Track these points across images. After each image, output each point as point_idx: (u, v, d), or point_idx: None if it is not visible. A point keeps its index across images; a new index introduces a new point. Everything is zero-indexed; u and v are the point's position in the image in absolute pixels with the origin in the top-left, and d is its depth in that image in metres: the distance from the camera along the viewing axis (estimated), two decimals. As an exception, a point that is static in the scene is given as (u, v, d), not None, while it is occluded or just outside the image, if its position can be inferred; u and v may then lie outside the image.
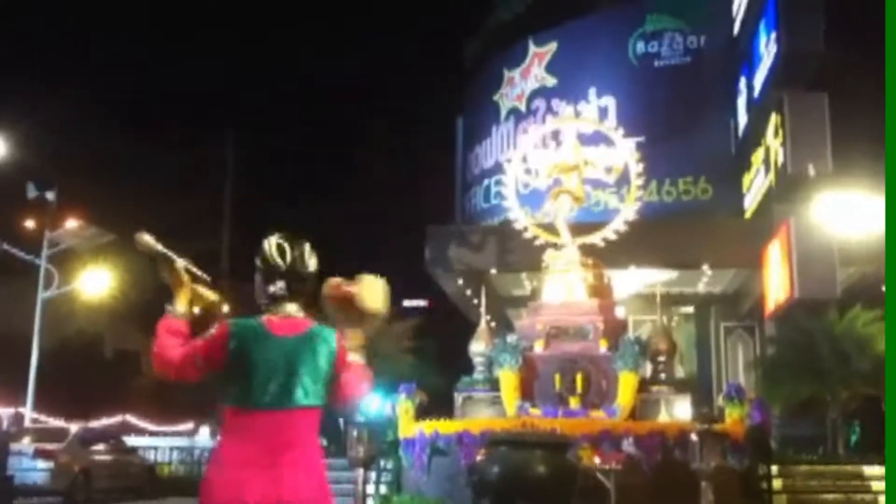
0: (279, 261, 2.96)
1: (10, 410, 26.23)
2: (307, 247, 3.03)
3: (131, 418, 27.81)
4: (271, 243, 3.00)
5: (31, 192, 25.16)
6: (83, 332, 25.89)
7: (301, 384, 2.84)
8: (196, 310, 3.06)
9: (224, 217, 52.75)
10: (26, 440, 15.97)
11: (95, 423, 20.52)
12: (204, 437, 26.20)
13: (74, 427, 17.54)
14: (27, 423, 21.63)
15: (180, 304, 2.98)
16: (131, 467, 17.86)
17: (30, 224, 27.98)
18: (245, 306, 3.26)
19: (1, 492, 13.23)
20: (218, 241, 46.47)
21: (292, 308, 2.96)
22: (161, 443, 23.20)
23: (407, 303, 43.87)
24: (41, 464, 15.22)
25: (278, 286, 2.95)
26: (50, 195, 25.16)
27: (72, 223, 25.15)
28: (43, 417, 24.61)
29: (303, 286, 2.99)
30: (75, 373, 26.42)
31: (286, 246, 2.99)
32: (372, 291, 3.05)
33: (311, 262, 3.02)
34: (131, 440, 20.99)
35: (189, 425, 29.10)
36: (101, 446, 16.86)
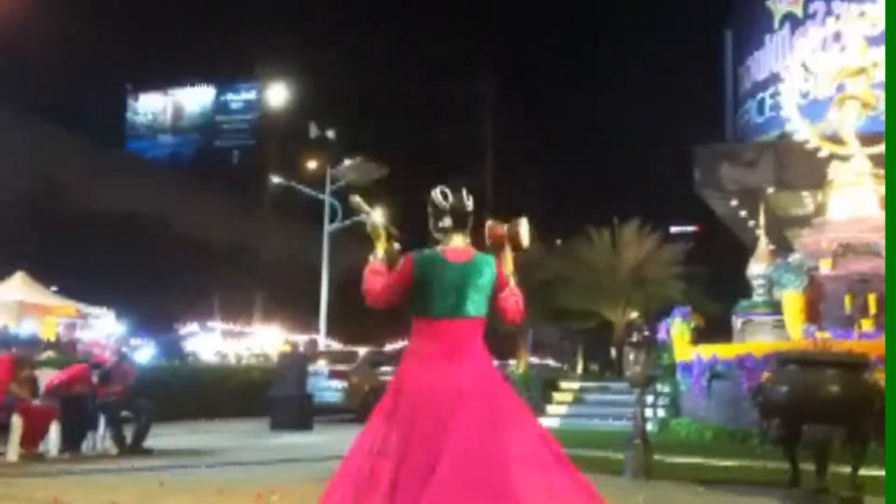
0: (444, 202, 3.74)
1: (306, 336, 28.62)
2: (464, 192, 3.77)
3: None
4: (437, 191, 3.77)
5: (313, 132, 27.01)
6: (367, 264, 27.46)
7: (470, 299, 3.61)
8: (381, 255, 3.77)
9: (486, 148, 53.79)
10: (322, 363, 17.26)
11: (382, 348, 21.79)
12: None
13: (363, 350, 18.60)
14: (321, 348, 23.44)
15: (378, 250, 3.77)
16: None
17: (312, 163, 30.07)
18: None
19: (303, 409, 14.32)
20: (482, 174, 47.51)
21: (458, 240, 3.71)
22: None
23: (674, 229, 42.66)
24: (335, 384, 16.42)
25: (446, 222, 3.73)
26: (330, 134, 26.89)
27: (350, 159, 26.70)
28: (334, 343, 26.58)
29: (464, 221, 3.74)
30: (361, 302, 28.13)
31: (448, 191, 3.76)
32: (519, 233, 3.78)
33: (468, 203, 3.76)
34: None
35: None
36: (388, 368, 17.88)
